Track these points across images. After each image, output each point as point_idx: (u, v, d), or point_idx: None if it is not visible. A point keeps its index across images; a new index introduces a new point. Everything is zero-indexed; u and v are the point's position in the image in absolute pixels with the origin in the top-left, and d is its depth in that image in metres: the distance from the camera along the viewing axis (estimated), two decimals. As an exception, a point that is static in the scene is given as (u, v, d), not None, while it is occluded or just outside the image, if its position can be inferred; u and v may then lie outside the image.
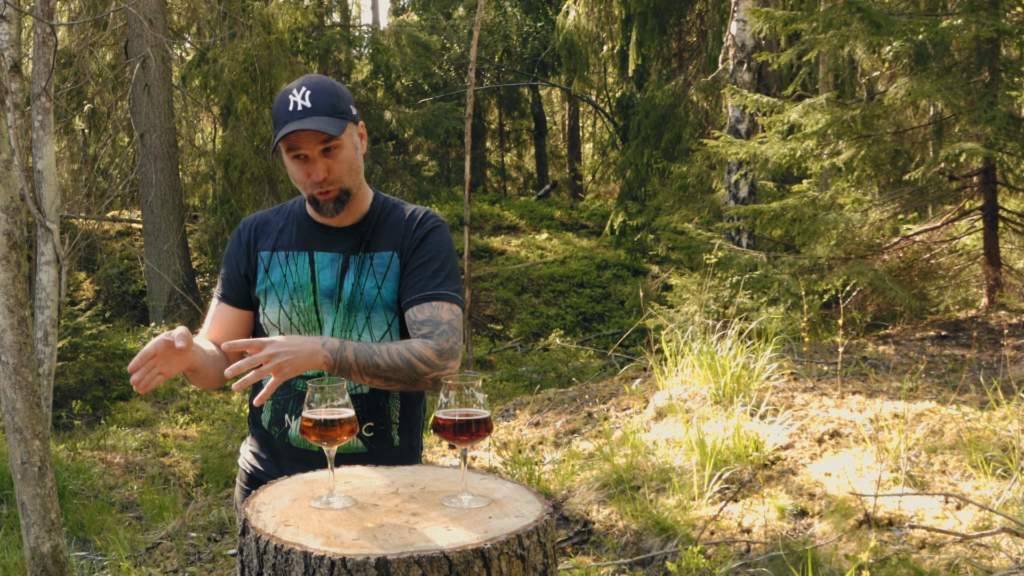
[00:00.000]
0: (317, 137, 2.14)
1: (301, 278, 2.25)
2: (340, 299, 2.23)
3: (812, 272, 7.80)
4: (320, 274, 2.24)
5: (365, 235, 2.27)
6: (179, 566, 4.71)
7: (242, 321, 2.35)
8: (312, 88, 2.16)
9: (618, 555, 3.99)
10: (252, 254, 2.34)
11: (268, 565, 1.55)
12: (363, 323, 2.23)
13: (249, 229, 2.37)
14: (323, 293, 2.23)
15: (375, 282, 2.23)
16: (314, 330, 2.24)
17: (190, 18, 14.69)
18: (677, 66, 14.99)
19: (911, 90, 7.21)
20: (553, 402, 6.49)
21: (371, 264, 2.24)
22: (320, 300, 2.24)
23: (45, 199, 5.21)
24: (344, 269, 2.24)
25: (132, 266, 14.55)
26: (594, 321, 15.00)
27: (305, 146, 2.14)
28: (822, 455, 4.45)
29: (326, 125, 2.11)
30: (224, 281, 2.37)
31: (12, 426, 3.92)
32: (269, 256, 2.31)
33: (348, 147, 2.20)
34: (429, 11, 22.54)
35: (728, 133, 9.50)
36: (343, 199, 2.21)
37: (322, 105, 2.14)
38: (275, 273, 2.29)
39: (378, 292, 2.22)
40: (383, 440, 2.27)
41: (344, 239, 2.27)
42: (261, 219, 2.39)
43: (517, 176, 27.60)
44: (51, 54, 5.14)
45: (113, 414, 9.37)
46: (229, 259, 2.38)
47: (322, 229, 2.29)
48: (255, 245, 2.34)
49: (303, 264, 2.27)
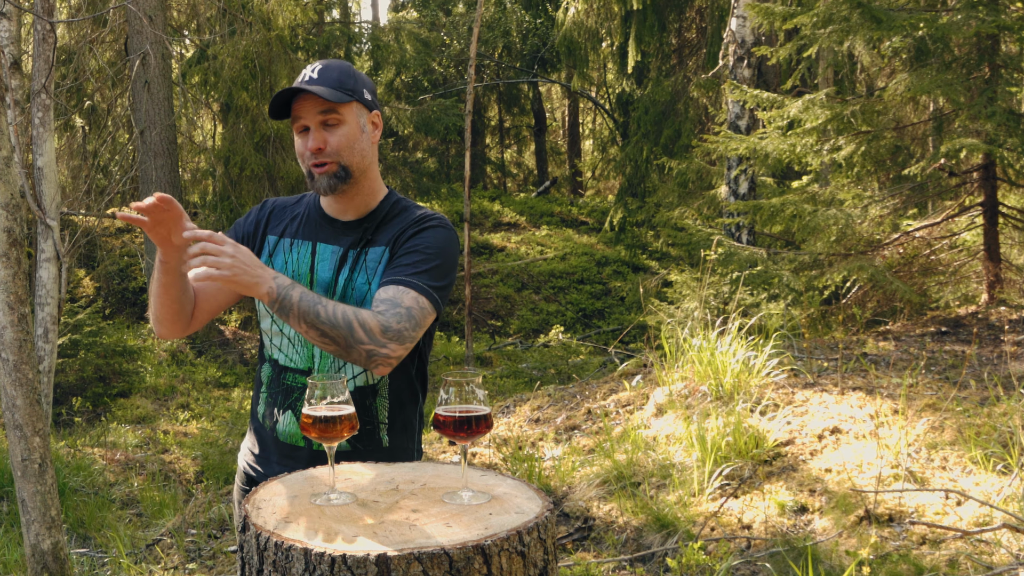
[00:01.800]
0: (317, 105, 2.14)
1: (300, 268, 2.23)
2: (333, 294, 2.19)
3: (812, 268, 7.80)
4: (319, 265, 2.22)
5: (368, 231, 2.24)
6: (179, 563, 4.71)
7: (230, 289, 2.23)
8: (326, 64, 2.19)
9: (618, 551, 4.00)
10: (260, 232, 2.32)
11: (268, 562, 1.55)
12: None
13: (268, 209, 2.36)
14: (319, 285, 2.20)
15: (366, 278, 2.19)
16: None
17: (190, 15, 14.67)
18: (677, 62, 14.98)
19: (911, 86, 7.20)
20: (553, 398, 6.49)
21: (365, 260, 2.21)
22: (315, 292, 2.18)
23: (45, 196, 5.21)
24: (341, 263, 2.22)
25: (132, 263, 14.54)
26: (594, 317, 15.01)
27: (305, 115, 2.15)
28: (822, 451, 4.45)
29: (323, 92, 2.11)
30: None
31: (12, 423, 3.92)
32: (276, 241, 2.29)
33: (351, 124, 2.18)
34: (429, 8, 22.52)
35: (728, 129, 9.49)
36: (341, 176, 2.18)
37: (328, 79, 2.16)
38: (277, 259, 2.27)
39: (368, 288, 2.18)
40: (370, 440, 2.21)
41: (348, 233, 2.25)
42: (282, 203, 2.38)
43: (517, 172, 27.58)
44: (51, 51, 5.13)
45: (113, 411, 9.37)
46: (238, 225, 2.36)
47: (329, 221, 2.27)
48: (266, 226, 2.32)
49: (305, 254, 2.24)
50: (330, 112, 2.15)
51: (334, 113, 2.15)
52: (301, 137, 2.19)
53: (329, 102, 2.14)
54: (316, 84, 2.14)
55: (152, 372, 10.57)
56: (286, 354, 2.25)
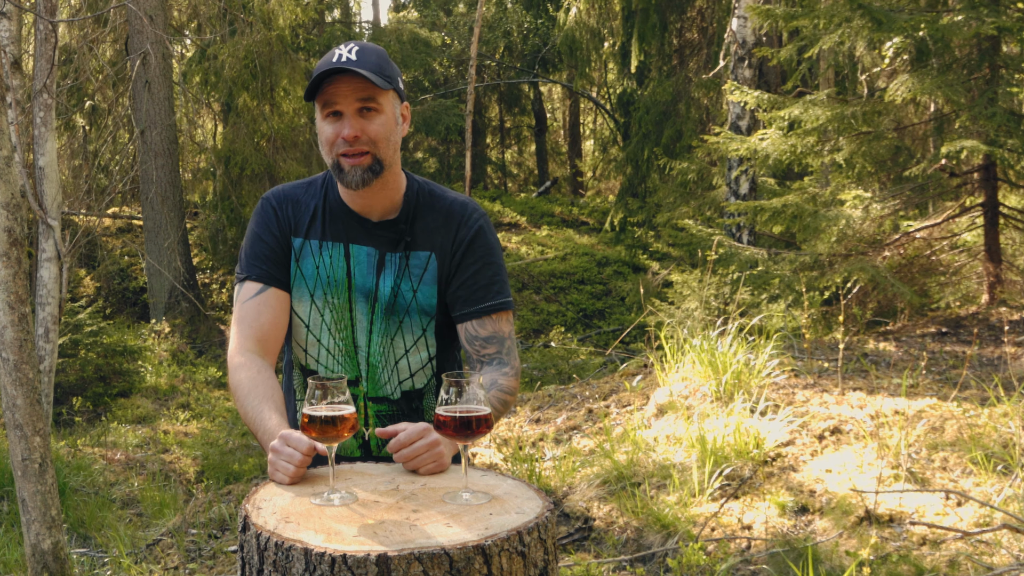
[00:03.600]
0: (356, 91, 1.96)
1: (336, 273, 2.08)
2: (377, 299, 2.08)
3: (813, 268, 7.79)
4: (355, 270, 2.08)
5: (404, 232, 2.10)
6: (180, 563, 4.71)
7: (288, 307, 2.09)
8: (362, 47, 2.00)
9: (619, 552, 4.00)
10: (285, 234, 2.11)
11: (269, 562, 1.55)
12: (396, 327, 2.10)
13: (274, 206, 2.14)
14: (359, 291, 2.08)
15: (411, 284, 2.09)
16: (346, 329, 2.10)
17: (190, 14, 14.67)
18: (678, 63, 14.97)
19: (912, 87, 7.19)
20: (554, 399, 6.49)
21: (407, 264, 2.09)
22: (355, 298, 2.09)
23: (46, 196, 5.21)
24: (380, 267, 2.09)
25: (133, 263, 14.55)
26: (595, 318, 15.00)
27: (342, 100, 1.96)
28: (823, 452, 4.45)
29: (370, 76, 1.93)
30: (261, 259, 2.09)
31: (13, 423, 3.92)
32: (301, 244, 2.10)
33: (388, 115, 2.01)
34: (429, 8, 22.52)
35: (729, 129, 9.49)
36: (375, 169, 2.01)
37: (369, 63, 1.97)
38: (307, 264, 2.09)
39: (413, 295, 2.09)
40: None
41: (381, 234, 2.10)
42: (288, 196, 2.15)
43: (518, 173, 27.57)
44: (52, 51, 5.13)
45: (113, 411, 9.37)
46: (264, 231, 2.11)
47: (358, 220, 2.10)
48: (289, 228, 2.12)
49: (338, 257, 2.09)
50: (369, 99, 1.98)
51: (373, 100, 1.98)
52: (331, 123, 1.99)
53: (371, 87, 1.96)
54: (357, 67, 1.94)
55: (153, 372, 10.57)
56: (326, 365, 2.13)
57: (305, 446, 1.77)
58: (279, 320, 2.08)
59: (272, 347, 2.06)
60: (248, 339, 2.02)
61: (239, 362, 1.99)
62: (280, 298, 2.08)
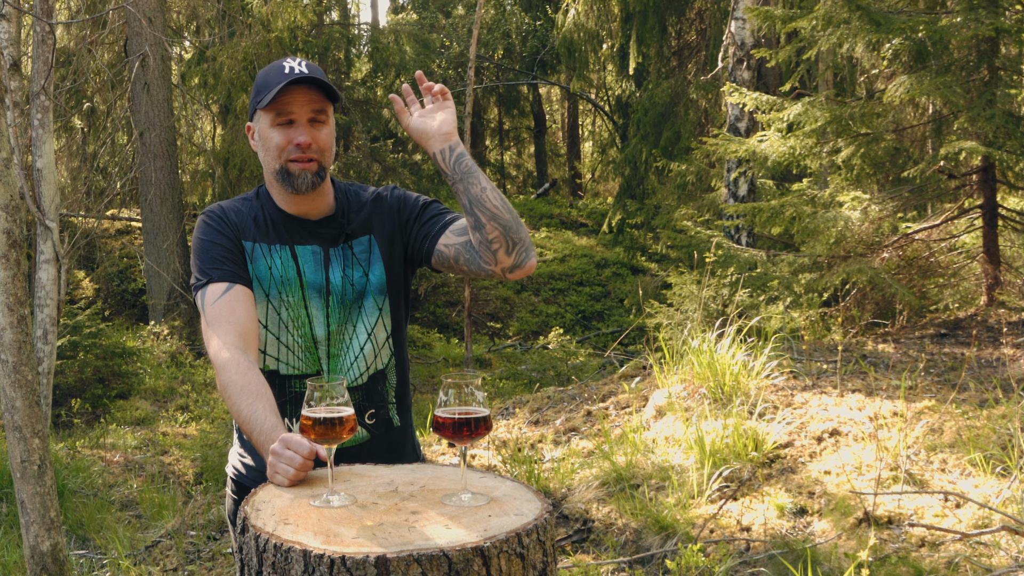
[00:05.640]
0: (311, 102, 2.11)
1: (287, 272, 2.17)
2: (330, 292, 2.18)
3: (811, 270, 7.79)
4: (304, 268, 2.18)
5: (344, 226, 2.23)
6: (178, 564, 4.71)
7: (254, 304, 2.14)
8: (308, 62, 2.15)
9: (618, 553, 4.00)
10: (236, 237, 2.18)
11: (268, 563, 1.55)
12: (357, 314, 2.21)
13: (226, 215, 2.21)
14: (311, 288, 2.17)
15: (363, 270, 2.21)
16: (304, 326, 2.18)
17: (189, 16, 14.68)
18: (677, 64, 14.98)
19: (910, 88, 7.20)
20: (552, 400, 6.49)
21: (352, 253, 2.22)
22: (308, 295, 2.18)
23: (44, 197, 5.21)
24: (327, 262, 2.20)
25: (131, 264, 14.54)
26: (593, 319, 15.01)
27: (297, 109, 2.10)
28: (821, 453, 4.45)
29: (325, 88, 2.10)
30: (220, 261, 2.14)
31: (11, 424, 3.92)
32: (252, 246, 2.18)
33: (331, 127, 2.18)
34: (428, 10, 22.54)
35: (727, 131, 9.49)
36: (321, 175, 2.15)
37: (319, 75, 2.13)
38: (260, 265, 2.17)
39: (366, 279, 2.20)
40: (384, 423, 2.26)
41: (322, 231, 2.22)
42: (230, 208, 2.23)
43: (516, 174, 27.59)
44: (50, 52, 5.13)
45: (112, 412, 9.36)
46: (216, 237, 2.17)
47: (298, 222, 2.21)
48: (238, 232, 2.19)
49: (287, 258, 2.18)
50: (321, 111, 2.13)
51: (323, 112, 2.14)
52: (279, 129, 2.12)
53: (322, 100, 2.12)
54: (310, 79, 2.10)
55: (151, 374, 10.57)
56: (287, 362, 2.20)
57: (305, 450, 1.81)
58: (253, 315, 2.11)
59: (252, 341, 2.08)
60: (229, 335, 2.03)
61: (225, 359, 1.99)
62: (248, 295, 2.12)
